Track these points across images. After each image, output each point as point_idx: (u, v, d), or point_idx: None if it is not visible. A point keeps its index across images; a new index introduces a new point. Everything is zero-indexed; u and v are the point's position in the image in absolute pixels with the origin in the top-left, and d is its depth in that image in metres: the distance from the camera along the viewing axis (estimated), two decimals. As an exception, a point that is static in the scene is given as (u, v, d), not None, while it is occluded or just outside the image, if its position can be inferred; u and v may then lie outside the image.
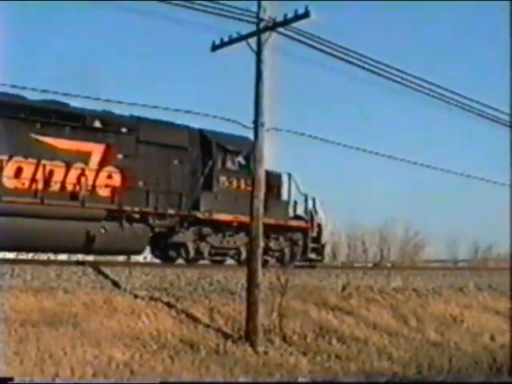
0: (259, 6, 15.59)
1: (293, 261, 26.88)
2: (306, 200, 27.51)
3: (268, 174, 23.58)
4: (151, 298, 15.87)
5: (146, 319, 14.69)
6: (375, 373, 14.12)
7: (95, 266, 18.17)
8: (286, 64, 17.34)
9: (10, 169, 19.98)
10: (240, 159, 25.74)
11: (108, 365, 12.17)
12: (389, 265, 34.63)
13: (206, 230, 24.25)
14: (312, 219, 27.50)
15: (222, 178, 25.10)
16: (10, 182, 19.84)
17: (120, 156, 22.39)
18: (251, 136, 16.39)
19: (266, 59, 15.75)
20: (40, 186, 20.33)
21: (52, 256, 23.85)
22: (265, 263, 22.35)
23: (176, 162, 23.76)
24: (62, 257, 24.53)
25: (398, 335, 18.06)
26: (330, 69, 17.15)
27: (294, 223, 26.98)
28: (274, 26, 15.65)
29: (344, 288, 20.59)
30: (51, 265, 17.93)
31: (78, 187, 21.10)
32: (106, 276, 17.12)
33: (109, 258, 23.62)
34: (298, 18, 15.48)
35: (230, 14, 15.11)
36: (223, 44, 16.80)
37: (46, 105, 20.61)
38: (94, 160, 21.82)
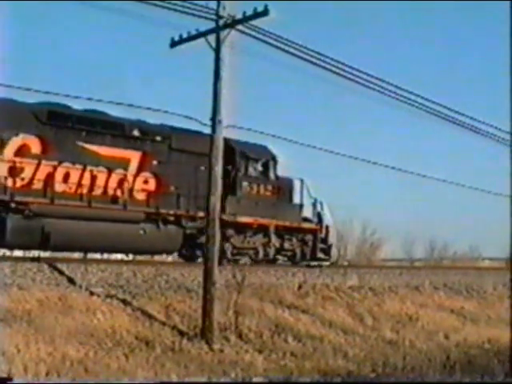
0: (219, 4, 15.57)
1: (303, 260, 29.02)
2: (314, 203, 29.73)
3: (281, 179, 28.67)
4: (107, 295, 15.81)
5: (102, 316, 14.62)
6: (330, 371, 14.16)
7: (50, 262, 18.02)
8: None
9: (59, 174, 21.71)
10: (259, 166, 28.12)
11: (62, 362, 12.05)
12: (345, 263, 34.77)
13: (230, 231, 26.08)
14: (320, 221, 29.77)
15: (245, 184, 27.40)
16: (59, 186, 21.61)
17: (155, 162, 24.41)
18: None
19: (224, 57, 15.72)
20: (86, 190, 22.21)
21: (7, 252, 23.62)
22: (274, 261, 27.87)
23: (203, 168, 24.09)
24: (17, 253, 24.26)
25: (354, 333, 18.14)
26: (295, 68, 17.25)
27: (305, 225, 29.27)
28: (232, 23, 15.64)
29: (300, 286, 20.66)
30: (6, 261, 17.74)
31: (119, 191, 23.12)
32: (62, 273, 17.01)
33: (65, 254, 23.35)
34: (256, 15, 15.49)
35: (190, 10, 15.09)
36: (182, 41, 16.76)
37: (90, 114, 22.40)
38: (133, 166, 23.80)
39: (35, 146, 21.51)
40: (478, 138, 22.51)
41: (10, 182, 20.66)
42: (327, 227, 30.37)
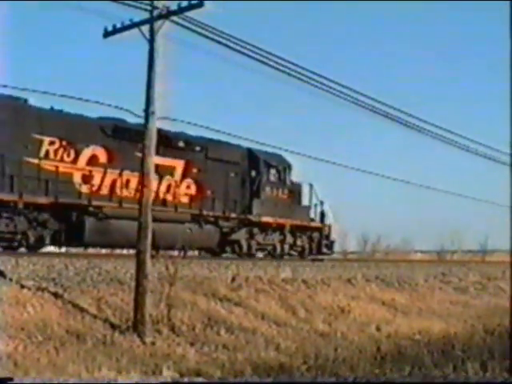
0: (153, -6, 15.46)
1: (310, 254, 33.99)
2: (321, 205, 34.83)
3: (293, 183, 33.96)
4: (38, 288, 15.55)
5: (32, 310, 14.40)
6: (262, 363, 14.22)
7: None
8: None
9: (122, 180, 25.51)
10: (277, 173, 32.89)
11: (-10, 356, 11.90)
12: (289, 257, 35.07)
13: (255, 230, 31.26)
14: (324, 220, 34.95)
15: (267, 188, 32.16)
16: (123, 192, 25.43)
17: (195, 170, 28.85)
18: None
19: (158, 48, 15.62)
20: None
21: None
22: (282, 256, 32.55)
23: (232, 174, 30.62)
24: None
25: (286, 326, 18.26)
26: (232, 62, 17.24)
27: (313, 224, 34.42)
28: (167, 14, 15.55)
29: (233, 279, 20.69)
30: None
31: (168, 196, 27.51)
32: (-9, 266, 16.72)
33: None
34: (191, 7, 15.39)
35: (126, 1, 14.96)
36: (115, 31, 16.55)
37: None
38: (178, 173, 28.20)
39: (102, 156, 25.12)
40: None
41: (84, 188, 24.36)
42: (330, 226, 35.54)
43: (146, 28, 15.68)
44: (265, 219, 31.33)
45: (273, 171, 32.68)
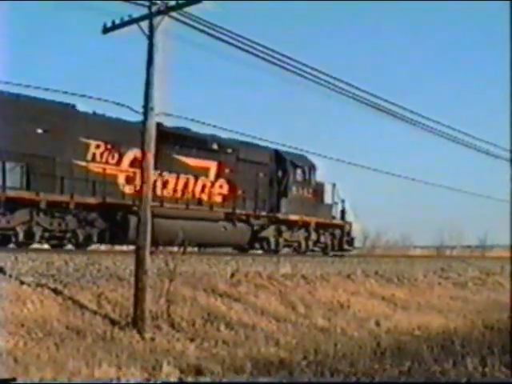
0: (152, -11, 15.44)
1: (333, 250, 36.15)
2: (342, 203, 36.86)
3: (317, 183, 35.85)
4: (38, 285, 15.55)
5: (32, 306, 14.41)
6: (262, 359, 14.21)
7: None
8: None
9: (161, 181, 27.28)
10: (303, 173, 34.78)
11: (-10, 353, 11.90)
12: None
13: (283, 227, 33.09)
14: (345, 218, 37.03)
15: (293, 188, 34.09)
16: (162, 192, 27.15)
17: (227, 171, 30.71)
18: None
19: (157, 43, 15.60)
20: (180, 194, 28.31)
21: None
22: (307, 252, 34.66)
23: (261, 175, 32.62)
24: None
25: (286, 321, 18.26)
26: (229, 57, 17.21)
27: (335, 222, 36.50)
28: (166, 9, 15.53)
29: (233, 275, 20.70)
30: None
31: (203, 195, 29.44)
32: (-9, 262, 16.72)
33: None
34: (190, 2, 15.40)
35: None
36: (115, 27, 16.54)
37: (181, 131, 27.64)
38: (212, 174, 30.13)
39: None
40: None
41: (127, 189, 26.22)
42: (350, 223, 37.72)
43: (145, 24, 15.67)
44: (292, 217, 33.31)
45: (299, 171, 34.56)
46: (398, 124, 22.04)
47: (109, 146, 25.97)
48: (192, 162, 29.13)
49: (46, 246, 24.62)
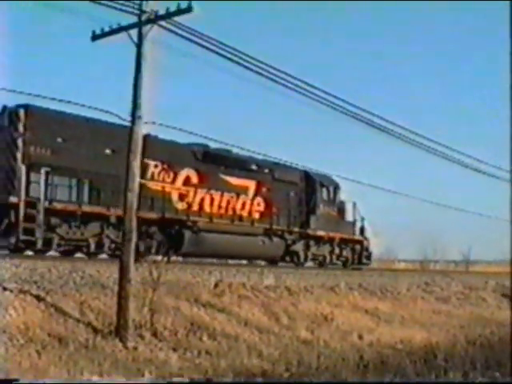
0: (142, -3, 15.45)
1: (352, 264, 39.37)
2: (361, 220, 39.96)
3: (340, 201, 39.07)
4: (20, 291, 15.45)
5: (14, 312, 14.29)
6: (244, 370, 14.18)
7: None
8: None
9: (209, 199, 30.33)
10: (329, 192, 37.99)
11: (-29, 359, 11.81)
12: (262, 263, 35.45)
13: (311, 242, 36.27)
14: (364, 234, 40.23)
15: (321, 205, 37.09)
16: (210, 208, 30.27)
17: (264, 189, 33.49)
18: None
19: (146, 52, 15.60)
20: (224, 211, 30.87)
21: None
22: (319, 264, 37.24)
23: (292, 193, 35.55)
24: None
25: (269, 333, 18.21)
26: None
27: (356, 237, 39.57)
28: (155, 18, 15.52)
29: (217, 285, 20.64)
30: None
31: (244, 212, 32.03)
32: (-28, 268, 16.62)
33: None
34: (180, 12, 15.39)
35: (114, 4, 14.92)
36: (104, 34, 16.52)
37: (225, 153, 29.86)
38: (251, 192, 32.81)
39: (194, 178, 29.87)
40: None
41: (180, 205, 29.13)
42: (368, 239, 40.91)
43: (134, 32, 15.65)
44: (319, 233, 36.48)
45: (325, 190, 37.80)
46: (381, 136, 22.07)
47: (165, 166, 28.73)
48: (234, 181, 31.92)
49: (29, 253, 24.55)
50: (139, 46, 15.56)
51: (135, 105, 15.60)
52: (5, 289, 15.31)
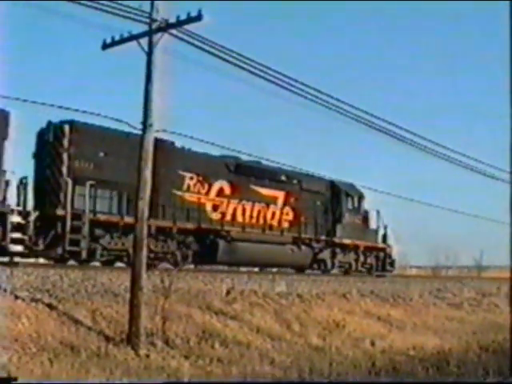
0: (152, 7, 15.45)
1: (376, 270, 39.67)
2: (384, 228, 40.49)
3: (365, 210, 39.66)
4: (32, 299, 15.49)
5: (26, 321, 14.34)
6: (256, 377, 14.15)
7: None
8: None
9: (241, 209, 31.19)
10: (354, 201, 38.51)
11: (-16, 367, 11.83)
12: (274, 270, 35.43)
13: (337, 250, 36.73)
14: (386, 241, 40.65)
15: (346, 214, 37.67)
16: (242, 218, 31.12)
17: (292, 199, 34.16)
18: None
19: (157, 60, 15.62)
20: (255, 220, 31.72)
21: None
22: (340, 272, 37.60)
23: (318, 203, 36.17)
24: None
25: (281, 340, 18.18)
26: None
27: (380, 245, 40.14)
28: (166, 27, 15.55)
29: (228, 292, 20.63)
30: None
31: (273, 221, 32.80)
32: (-14, 277, 16.65)
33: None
34: (190, 20, 15.42)
35: (124, 13, 14.92)
36: (114, 43, 16.57)
37: (255, 165, 30.61)
38: (280, 202, 33.57)
39: (227, 189, 30.56)
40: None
41: (214, 216, 29.80)
42: (391, 246, 41.20)
43: (144, 41, 15.69)
44: (345, 241, 37.04)
45: (350, 200, 38.33)
46: (391, 141, 22.01)
47: (200, 178, 29.40)
48: (264, 191, 32.66)
49: (41, 261, 24.67)
50: (150, 54, 15.59)
51: (146, 113, 15.63)
52: (17, 297, 15.37)
